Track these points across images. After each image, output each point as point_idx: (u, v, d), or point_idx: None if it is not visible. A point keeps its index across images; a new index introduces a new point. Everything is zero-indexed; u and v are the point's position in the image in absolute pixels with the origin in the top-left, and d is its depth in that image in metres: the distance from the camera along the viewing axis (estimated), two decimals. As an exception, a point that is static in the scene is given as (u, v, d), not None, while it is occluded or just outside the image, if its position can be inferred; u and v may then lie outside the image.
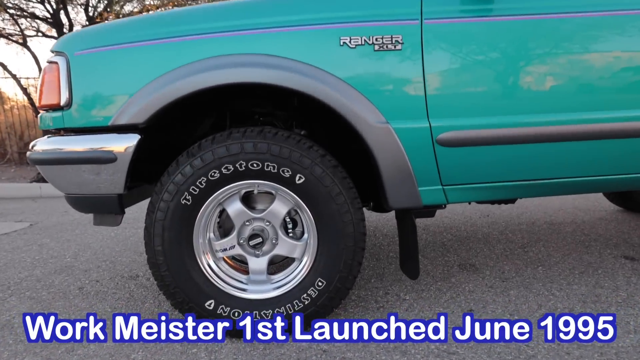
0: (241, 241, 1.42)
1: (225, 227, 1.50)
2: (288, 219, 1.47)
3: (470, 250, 2.35)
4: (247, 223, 1.42)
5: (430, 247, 2.42)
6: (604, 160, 1.39)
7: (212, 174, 1.31)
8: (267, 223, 1.42)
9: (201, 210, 1.36)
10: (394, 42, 1.27)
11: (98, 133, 1.34)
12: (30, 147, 1.45)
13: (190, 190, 1.31)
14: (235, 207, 1.40)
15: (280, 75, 1.25)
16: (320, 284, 1.38)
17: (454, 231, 2.74)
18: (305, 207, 1.36)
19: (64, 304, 1.82)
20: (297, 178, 1.31)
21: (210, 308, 1.38)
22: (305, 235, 1.45)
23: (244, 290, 1.44)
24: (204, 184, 1.31)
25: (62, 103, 1.34)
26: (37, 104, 1.43)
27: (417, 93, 1.30)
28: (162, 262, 1.36)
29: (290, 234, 1.47)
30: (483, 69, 1.30)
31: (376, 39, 1.27)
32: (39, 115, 1.46)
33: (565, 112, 1.33)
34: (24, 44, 6.89)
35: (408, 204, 1.37)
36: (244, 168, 1.30)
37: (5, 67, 6.59)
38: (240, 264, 1.56)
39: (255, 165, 1.30)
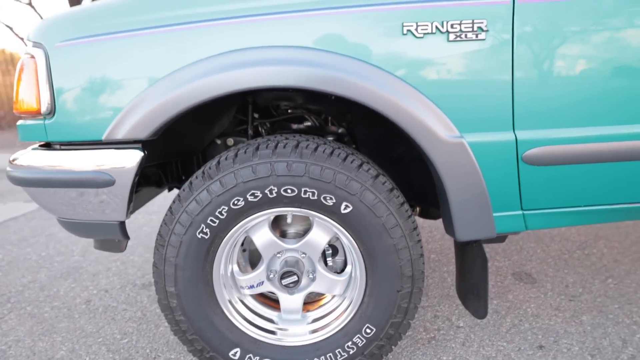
0: (271, 276, 1.17)
1: (253, 256, 1.24)
2: (327, 245, 1.20)
3: (521, 252, 2.08)
4: (277, 255, 1.16)
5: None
6: None
7: (235, 201, 1.03)
8: (303, 254, 1.16)
9: (222, 244, 1.09)
10: (475, 29, 0.93)
11: (91, 148, 1.05)
12: (10, 159, 1.18)
13: (208, 222, 1.04)
14: (263, 237, 1.13)
15: (321, 75, 0.93)
16: (368, 330, 1.13)
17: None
18: (352, 240, 1.08)
19: (68, 325, 1.62)
20: (342, 207, 1.03)
21: (236, 358, 1.15)
22: (349, 268, 1.19)
23: (273, 332, 1.20)
24: (225, 214, 1.04)
25: (42, 110, 1.04)
26: (14, 108, 1.14)
27: (503, 97, 0.97)
28: (177, 305, 1.11)
29: (330, 263, 1.21)
30: (597, 66, 0.96)
31: (451, 26, 0.92)
32: (17, 123, 1.17)
33: None
34: (30, 4, 6.61)
35: (479, 235, 1.09)
36: (275, 194, 1.02)
37: (12, 29, 6.59)
38: (270, 294, 1.31)
39: (289, 191, 1.02)
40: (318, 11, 0.93)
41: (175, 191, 2.05)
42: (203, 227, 1.05)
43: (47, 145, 1.16)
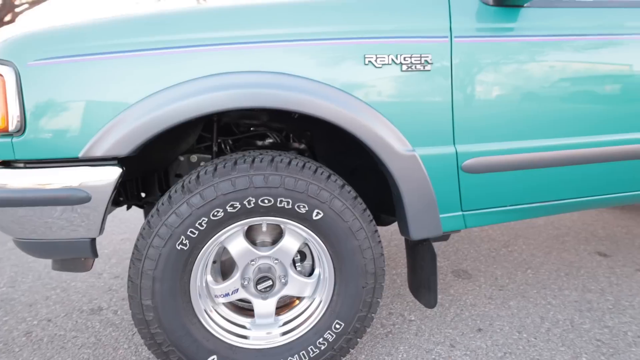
0: (245, 283, 1.23)
1: (224, 266, 1.30)
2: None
3: (458, 253, 2.34)
4: (251, 262, 1.23)
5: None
6: (619, 180, 1.38)
7: (215, 213, 1.09)
8: (275, 260, 1.24)
9: (200, 255, 1.14)
10: (423, 62, 1.12)
11: (64, 165, 1.05)
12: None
13: (188, 233, 1.09)
14: (239, 247, 1.20)
15: (297, 98, 1.05)
16: (338, 326, 1.24)
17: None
18: (322, 244, 1.19)
19: None
20: (314, 214, 1.14)
21: (214, 365, 1.19)
22: (317, 271, 1.30)
23: (247, 337, 1.26)
24: (205, 225, 1.10)
25: (11, 128, 1.03)
26: None
27: (445, 118, 1.17)
28: (153, 318, 1.13)
29: (299, 269, 1.31)
30: (513, 92, 1.20)
31: (404, 58, 1.11)
32: None
33: (590, 135, 1.29)
34: None
35: (429, 233, 1.26)
36: (253, 205, 1.10)
37: None
38: (239, 303, 1.37)
39: (266, 201, 1.11)
40: (295, 42, 1.06)
41: (135, 209, 2.01)
42: (183, 239, 1.09)
43: (4, 164, 1.12)
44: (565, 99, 1.25)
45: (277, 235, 1.29)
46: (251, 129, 1.56)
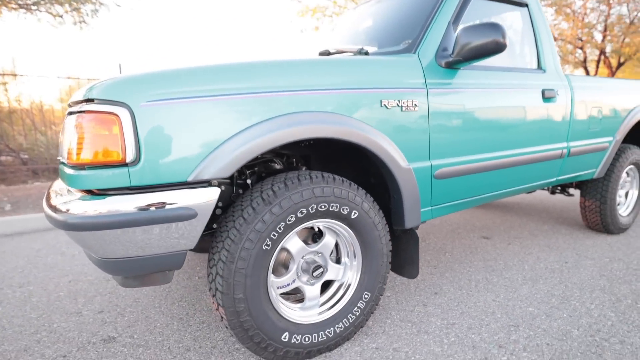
0: (299, 274, 1.60)
1: (276, 264, 1.63)
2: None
3: (392, 249, 2.98)
4: (303, 257, 1.60)
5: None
6: (528, 176, 2.24)
7: (290, 218, 1.45)
8: (319, 254, 1.64)
9: (275, 253, 1.48)
10: (413, 104, 1.71)
11: (172, 189, 1.29)
12: (63, 209, 1.24)
13: (271, 236, 1.42)
14: (297, 245, 1.57)
15: (347, 130, 1.52)
16: (366, 296, 1.70)
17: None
18: (354, 236, 1.65)
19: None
20: (352, 214, 1.60)
21: (286, 340, 1.51)
22: (343, 260, 1.73)
23: (300, 317, 1.61)
24: (282, 229, 1.45)
25: (128, 160, 1.22)
26: (73, 159, 1.25)
27: (425, 141, 1.78)
28: (243, 309, 1.41)
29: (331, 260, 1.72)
30: (458, 123, 1.89)
31: (403, 102, 1.68)
32: (76, 172, 1.25)
33: (506, 149, 2.08)
34: None
35: (415, 223, 1.84)
36: (314, 210, 1.50)
37: None
38: (286, 296, 1.70)
39: (323, 207, 1.52)
40: (339, 90, 1.53)
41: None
42: (267, 241, 1.42)
43: (91, 192, 1.27)
44: (489, 127, 2.00)
45: (307, 236, 1.69)
46: (258, 155, 1.91)
